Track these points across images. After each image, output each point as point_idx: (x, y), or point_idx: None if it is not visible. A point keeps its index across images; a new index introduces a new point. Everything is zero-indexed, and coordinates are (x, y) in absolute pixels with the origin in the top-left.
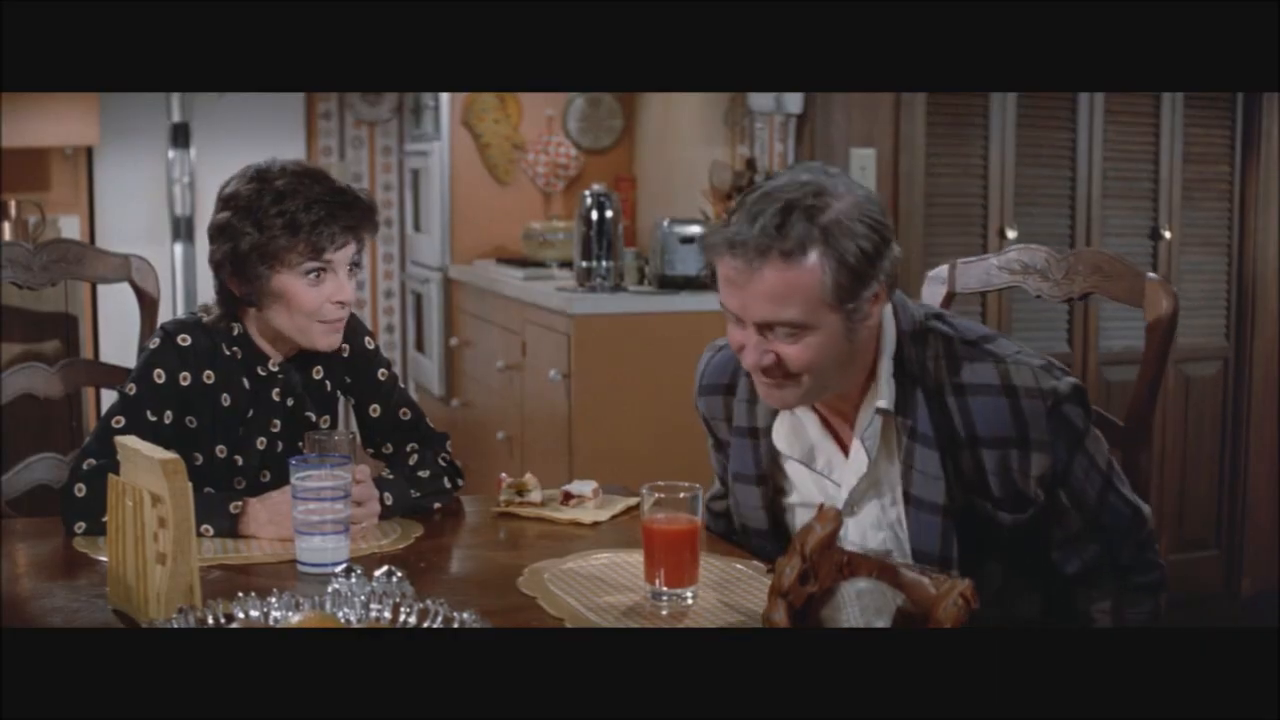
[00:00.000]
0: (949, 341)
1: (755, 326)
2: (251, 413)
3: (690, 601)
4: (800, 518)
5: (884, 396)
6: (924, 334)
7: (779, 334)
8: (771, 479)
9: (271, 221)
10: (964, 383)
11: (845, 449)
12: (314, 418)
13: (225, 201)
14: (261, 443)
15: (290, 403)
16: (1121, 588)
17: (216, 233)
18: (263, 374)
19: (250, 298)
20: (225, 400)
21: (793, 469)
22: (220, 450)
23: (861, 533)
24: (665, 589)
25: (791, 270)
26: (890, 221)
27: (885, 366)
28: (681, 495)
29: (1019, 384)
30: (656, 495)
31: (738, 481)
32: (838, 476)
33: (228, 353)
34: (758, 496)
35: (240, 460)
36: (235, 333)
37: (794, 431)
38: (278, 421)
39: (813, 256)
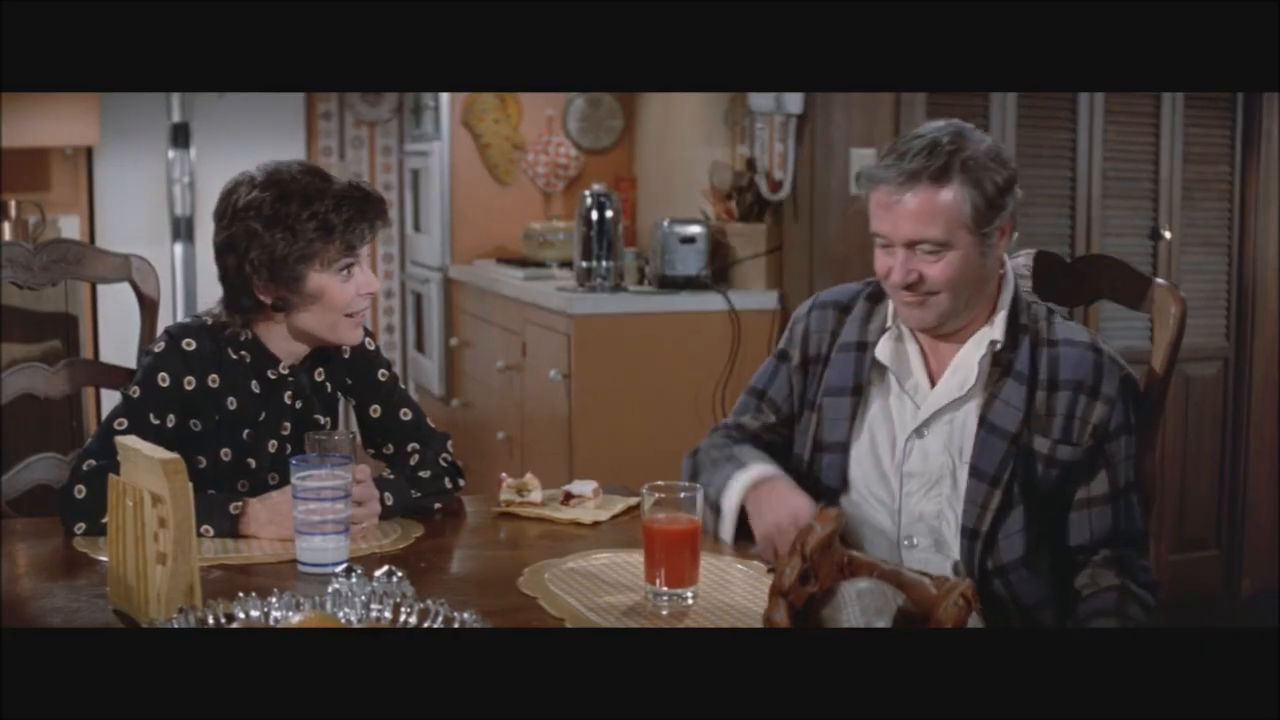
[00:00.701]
0: (1050, 312)
1: (902, 247)
2: (263, 416)
3: (690, 601)
4: (865, 443)
5: (997, 334)
6: (1031, 303)
7: (922, 252)
8: (863, 392)
9: (304, 225)
10: (1058, 338)
11: (933, 382)
12: (322, 420)
13: (242, 212)
14: (273, 446)
15: (299, 405)
16: (1123, 591)
17: (244, 242)
18: (273, 377)
19: (284, 302)
20: (231, 404)
21: (879, 390)
22: (225, 454)
23: (924, 455)
24: (665, 589)
25: (936, 193)
26: (1016, 167)
27: (1002, 311)
28: (682, 495)
29: (1104, 348)
30: (656, 495)
31: (829, 396)
32: (919, 400)
33: (235, 357)
34: (848, 407)
35: (253, 463)
36: (243, 337)
37: (897, 353)
38: (288, 424)
39: (955, 182)
